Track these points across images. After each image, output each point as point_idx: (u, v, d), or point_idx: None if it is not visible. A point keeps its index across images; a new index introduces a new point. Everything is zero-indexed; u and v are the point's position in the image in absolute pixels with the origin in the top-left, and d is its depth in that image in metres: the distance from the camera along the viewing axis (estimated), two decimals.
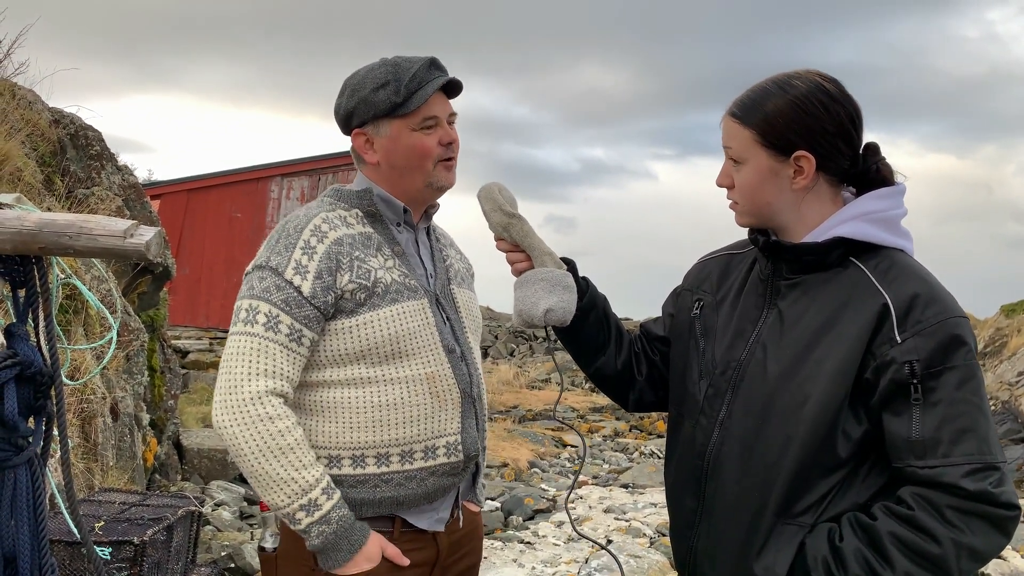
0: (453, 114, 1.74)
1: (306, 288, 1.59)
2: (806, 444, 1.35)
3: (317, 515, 1.55)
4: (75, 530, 1.44)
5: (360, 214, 1.72)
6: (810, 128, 1.39)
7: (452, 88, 1.73)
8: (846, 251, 1.40)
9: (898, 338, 1.31)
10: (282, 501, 1.56)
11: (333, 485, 1.60)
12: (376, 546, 1.61)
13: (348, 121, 1.73)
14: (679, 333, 1.62)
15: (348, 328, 1.62)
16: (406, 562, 1.64)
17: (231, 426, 1.56)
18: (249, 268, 1.67)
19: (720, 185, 1.51)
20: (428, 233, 1.84)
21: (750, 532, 1.39)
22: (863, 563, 1.29)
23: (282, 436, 1.55)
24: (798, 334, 1.40)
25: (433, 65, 1.69)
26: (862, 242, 1.39)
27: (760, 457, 1.40)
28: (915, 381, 1.29)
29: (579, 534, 1.83)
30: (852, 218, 1.40)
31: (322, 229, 1.65)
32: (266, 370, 1.57)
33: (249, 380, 1.56)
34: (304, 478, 1.56)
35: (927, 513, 1.28)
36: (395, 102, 1.66)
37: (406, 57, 1.71)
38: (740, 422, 1.43)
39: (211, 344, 12.88)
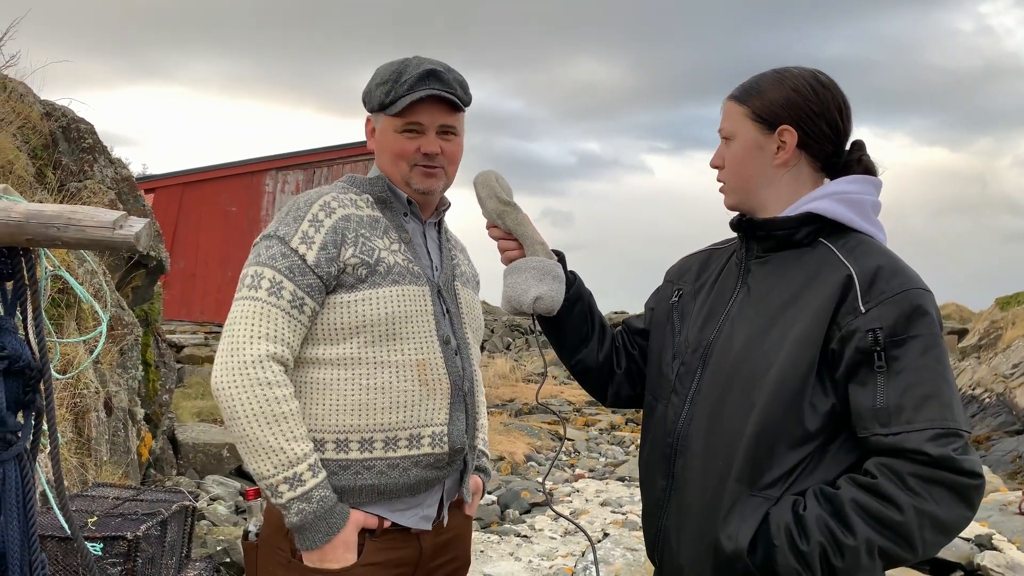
0: (449, 127, 1.72)
1: (310, 257, 1.61)
2: (768, 410, 1.37)
3: (300, 490, 1.54)
4: (65, 525, 1.43)
5: (371, 199, 1.75)
6: (797, 106, 1.48)
7: (450, 103, 1.71)
8: (816, 231, 1.46)
9: (862, 308, 1.34)
10: (267, 470, 1.54)
11: (320, 465, 1.59)
12: (353, 533, 1.60)
13: (365, 106, 1.80)
14: (658, 323, 1.67)
15: (346, 303, 1.62)
16: (374, 522, 1.63)
17: (228, 387, 1.55)
18: (257, 239, 1.69)
19: (712, 165, 1.59)
20: (439, 230, 1.86)
21: (715, 501, 1.41)
22: (825, 530, 1.29)
23: (278, 403, 1.55)
24: (765, 307, 1.45)
25: (431, 75, 1.68)
26: (832, 222, 1.45)
27: (724, 425, 1.42)
28: (878, 349, 1.32)
29: (553, 511, 1.84)
30: (823, 196, 1.47)
31: (331, 205, 1.68)
32: (267, 334, 1.58)
33: (251, 343, 1.57)
34: (293, 450, 1.55)
35: (889, 481, 1.29)
36: (383, 101, 1.71)
37: (419, 61, 1.72)
38: (707, 395, 1.47)
39: (206, 338, 12.85)
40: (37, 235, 1.15)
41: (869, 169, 1.51)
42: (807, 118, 1.48)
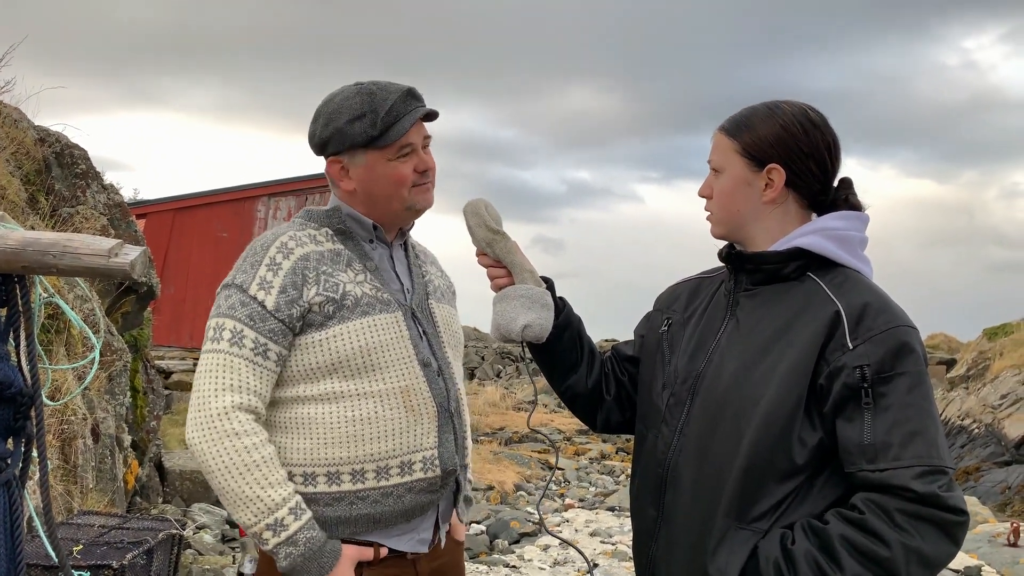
0: (428, 137, 1.74)
1: (270, 302, 1.61)
2: (757, 443, 1.38)
3: (284, 535, 1.54)
4: (52, 554, 1.42)
5: (330, 232, 1.73)
6: (786, 145, 1.49)
7: (428, 115, 1.73)
8: (804, 266, 1.48)
9: (850, 344, 1.36)
10: (248, 519, 1.55)
11: (304, 506, 1.58)
12: (348, 569, 1.59)
13: (323, 148, 1.73)
14: (648, 351, 1.68)
15: (317, 341, 1.62)
16: (369, 555, 1.63)
17: (200, 442, 1.57)
18: (220, 288, 1.69)
19: (700, 195, 1.61)
20: (405, 249, 1.84)
21: (704, 533, 1.42)
22: (813, 565, 1.31)
23: (248, 452, 1.55)
24: (754, 340, 1.46)
25: (410, 95, 1.69)
26: (820, 257, 1.47)
27: (714, 458, 1.44)
28: (866, 386, 1.34)
29: (551, 534, 1.84)
30: (811, 232, 1.49)
31: (288, 246, 1.67)
32: (232, 385, 1.58)
33: (216, 396, 1.58)
34: (271, 496, 1.55)
35: (877, 517, 1.30)
36: (371, 135, 1.65)
37: (382, 85, 1.69)
38: (696, 427, 1.48)
39: (195, 364, 12.76)
40: (33, 262, 1.16)
41: (855, 207, 1.52)
42: (796, 157, 1.49)
